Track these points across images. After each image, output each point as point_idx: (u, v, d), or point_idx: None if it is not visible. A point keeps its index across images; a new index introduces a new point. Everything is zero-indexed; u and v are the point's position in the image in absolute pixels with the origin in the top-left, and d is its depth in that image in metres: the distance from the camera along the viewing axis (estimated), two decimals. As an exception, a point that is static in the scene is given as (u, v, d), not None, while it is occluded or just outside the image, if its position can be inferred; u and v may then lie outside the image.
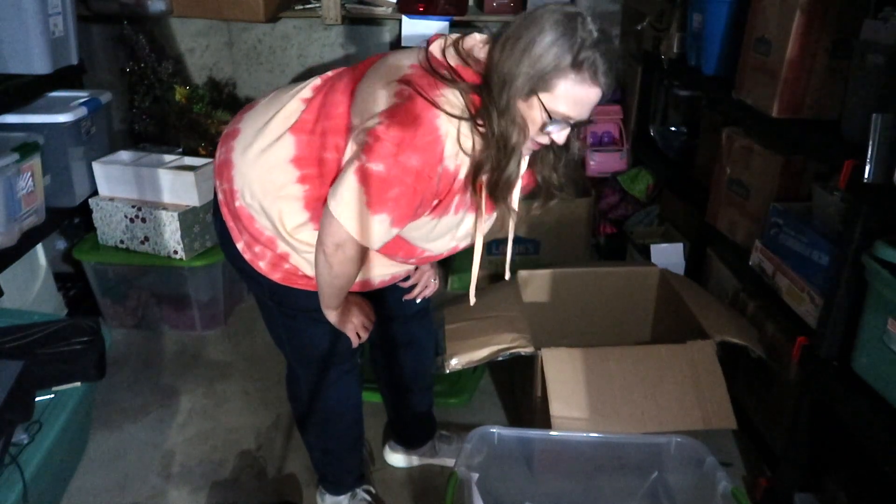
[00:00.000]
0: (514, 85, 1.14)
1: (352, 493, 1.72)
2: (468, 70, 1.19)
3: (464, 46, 1.22)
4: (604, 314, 2.22)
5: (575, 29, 1.12)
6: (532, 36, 1.12)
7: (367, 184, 1.16)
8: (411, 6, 2.79)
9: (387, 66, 1.27)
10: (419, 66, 1.21)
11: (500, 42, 1.16)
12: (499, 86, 1.15)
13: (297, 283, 1.39)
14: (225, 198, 1.37)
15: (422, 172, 1.16)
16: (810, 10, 1.60)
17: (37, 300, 2.28)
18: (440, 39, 1.26)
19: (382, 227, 1.21)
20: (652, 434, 1.61)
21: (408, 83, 1.18)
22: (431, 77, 1.19)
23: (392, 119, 1.15)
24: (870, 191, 1.34)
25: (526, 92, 1.14)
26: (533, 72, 1.12)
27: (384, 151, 1.15)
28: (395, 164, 1.15)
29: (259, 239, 1.34)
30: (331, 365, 1.53)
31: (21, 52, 2.13)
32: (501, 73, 1.14)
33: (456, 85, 1.18)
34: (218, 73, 3.07)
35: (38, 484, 1.53)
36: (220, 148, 1.40)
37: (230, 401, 2.19)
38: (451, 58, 1.21)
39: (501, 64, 1.14)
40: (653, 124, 2.78)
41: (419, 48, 1.27)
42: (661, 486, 1.60)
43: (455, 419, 2.05)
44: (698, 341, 1.76)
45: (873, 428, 1.39)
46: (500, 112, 1.16)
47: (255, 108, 1.39)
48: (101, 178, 2.38)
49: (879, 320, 1.38)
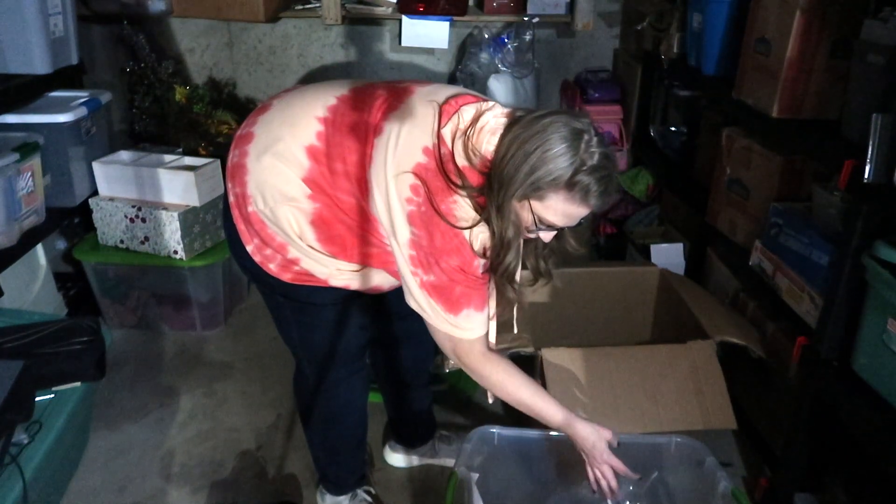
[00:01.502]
0: (511, 188, 1.18)
1: (352, 494, 1.72)
2: (474, 172, 1.22)
3: (473, 142, 1.23)
4: (604, 314, 2.22)
5: (577, 148, 1.15)
6: (536, 145, 1.16)
7: (434, 295, 1.26)
8: (411, 6, 2.79)
9: (400, 143, 1.24)
10: (433, 155, 1.22)
11: (507, 141, 1.19)
12: (497, 186, 1.20)
13: (309, 281, 1.39)
14: (237, 201, 1.36)
15: (466, 269, 1.25)
16: (810, 10, 1.60)
17: (37, 300, 2.28)
18: (454, 120, 1.24)
19: (473, 318, 1.30)
20: (652, 434, 1.61)
21: (421, 181, 1.21)
22: (441, 177, 1.22)
23: (420, 229, 1.23)
24: (870, 191, 1.34)
25: (520, 196, 1.19)
26: (529, 180, 1.17)
27: (427, 263, 1.24)
28: (442, 271, 1.24)
29: (270, 243, 1.35)
30: (341, 364, 1.54)
31: (21, 52, 2.13)
32: (501, 175, 1.19)
33: (464, 189, 1.22)
34: (218, 73, 3.07)
35: (38, 484, 1.53)
36: (233, 150, 1.39)
37: (230, 401, 2.19)
38: (459, 155, 1.23)
39: (503, 166, 1.19)
40: (653, 124, 2.78)
41: (433, 109, 1.26)
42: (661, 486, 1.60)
43: (455, 419, 2.05)
44: (698, 341, 1.76)
45: (873, 428, 1.39)
46: (498, 209, 1.21)
47: (268, 111, 1.38)
48: (101, 178, 2.38)
49: (879, 320, 1.38)
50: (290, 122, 1.32)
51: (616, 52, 3.12)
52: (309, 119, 1.31)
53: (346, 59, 3.07)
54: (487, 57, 2.84)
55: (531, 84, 2.93)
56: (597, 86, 2.93)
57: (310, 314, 1.46)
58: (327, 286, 1.40)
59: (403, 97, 1.30)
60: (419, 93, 1.31)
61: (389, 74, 3.08)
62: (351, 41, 3.04)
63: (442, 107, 1.26)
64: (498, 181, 1.19)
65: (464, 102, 1.28)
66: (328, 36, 3.02)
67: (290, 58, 3.07)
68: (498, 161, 1.20)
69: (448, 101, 1.27)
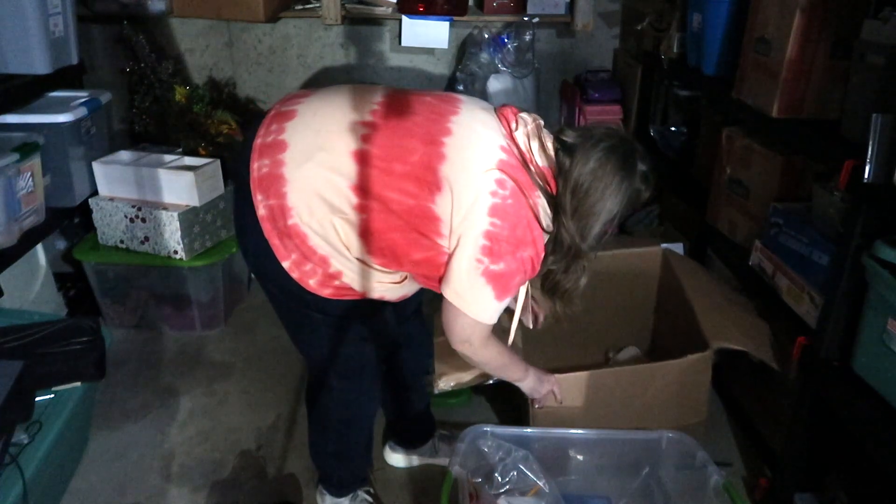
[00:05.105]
0: (593, 229, 1.36)
1: (353, 495, 1.72)
2: (550, 176, 1.34)
3: (546, 145, 1.36)
4: (605, 301, 2.12)
5: (633, 174, 1.34)
6: (603, 186, 1.32)
7: (495, 281, 1.31)
8: (411, 6, 2.79)
9: (478, 141, 1.32)
10: (511, 153, 1.32)
11: (576, 174, 1.32)
12: (577, 221, 1.35)
13: (348, 295, 1.38)
14: (271, 214, 1.30)
15: (535, 260, 1.35)
16: (810, 10, 1.60)
17: (37, 300, 2.28)
18: (522, 124, 1.36)
19: (503, 306, 1.37)
20: (643, 430, 1.61)
21: (507, 176, 1.29)
22: (525, 173, 1.31)
23: (503, 220, 1.28)
24: (870, 191, 1.34)
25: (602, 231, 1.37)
26: (607, 217, 1.35)
27: (503, 251, 1.29)
28: (514, 259, 1.31)
29: (311, 257, 1.32)
30: (368, 374, 1.55)
31: (21, 52, 2.13)
32: (578, 208, 1.34)
33: (544, 192, 1.33)
34: (218, 73, 3.07)
35: (38, 484, 1.53)
36: (259, 160, 1.31)
37: (230, 401, 2.19)
38: (539, 156, 1.34)
39: (579, 199, 1.33)
40: (653, 124, 2.78)
41: (495, 114, 1.38)
42: (653, 482, 1.61)
43: (455, 419, 2.05)
44: (694, 357, 1.70)
45: (873, 428, 1.39)
46: (582, 237, 1.36)
47: (296, 118, 1.33)
48: (101, 178, 2.37)
49: (879, 320, 1.38)
50: (330, 128, 1.30)
51: (616, 52, 3.12)
52: (352, 125, 1.29)
53: (346, 59, 3.07)
54: (487, 57, 2.84)
55: (531, 84, 2.93)
56: (597, 86, 2.93)
57: (345, 329, 1.45)
58: (363, 299, 1.40)
59: (457, 102, 1.38)
60: (468, 100, 1.41)
61: (389, 74, 3.08)
62: (351, 41, 3.04)
63: (498, 111, 1.38)
64: (578, 212, 1.33)
65: (512, 109, 1.39)
66: (328, 36, 3.02)
67: (289, 58, 3.06)
68: (571, 190, 1.32)
69: (499, 108, 1.39)
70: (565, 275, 1.42)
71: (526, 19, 2.82)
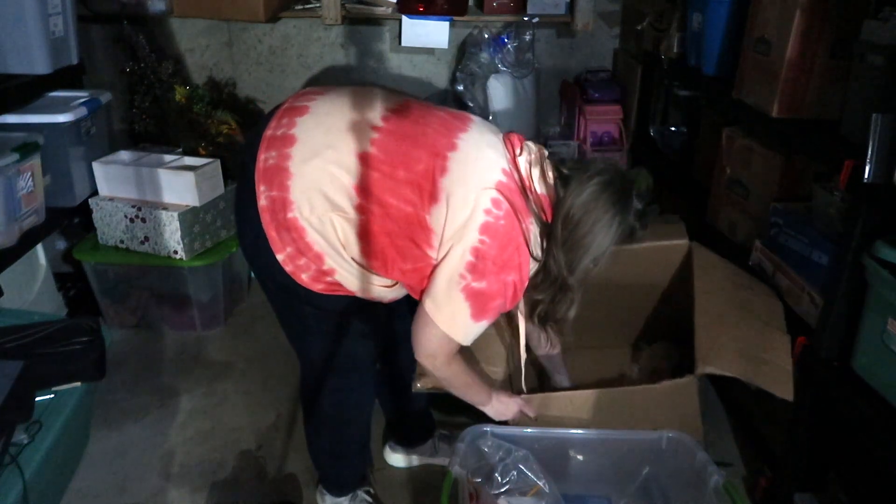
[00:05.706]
0: (584, 259, 1.37)
1: (353, 494, 1.72)
2: (547, 204, 1.36)
3: (546, 174, 1.37)
4: (633, 292, 2.05)
5: (628, 210, 1.36)
6: (593, 221, 1.34)
7: (473, 299, 1.31)
8: (411, 6, 2.79)
9: (481, 160, 1.33)
10: (512, 177, 1.33)
11: (567, 206, 1.34)
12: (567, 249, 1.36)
13: (340, 291, 1.39)
14: (272, 205, 1.31)
15: (518, 286, 1.34)
16: (810, 10, 1.60)
17: (37, 300, 2.28)
18: (526, 151, 1.38)
19: (480, 328, 1.37)
20: (643, 430, 1.61)
21: (504, 198, 1.30)
22: (522, 198, 1.32)
23: (493, 239, 1.28)
24: (870, 191, 1.35)
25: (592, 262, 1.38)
26: (600, 252, 1.37)
27: (487, 270, 1.29)
28: (497, 281, 1.30)
29: (306, 253, 1.32)
30: (362, 370, 1.55)
31: (21, 52, 2.13)
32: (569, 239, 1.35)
33: (538, 220, 1.34)
34: (218, 73, 3.07)
35: (38, 484, 1.53)
36: (266, 152, 1.32)
37: (230, 401, 2.19)
38: (539, 184, 1.36)
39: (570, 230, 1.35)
40: (653, 124, 2.78)
41: (502, 139, 1.39)
42: (653, 481, 1.61)
43: (455, 419, 2.05)
44: (672, 382, 1.63)
45: (873, 428, 1.39)
46: (569, 269, 1.37)
47: (307, 115, 1.34)
48: (101, 178, 2.37)
49: (879, 320, 1.38)
50: (340, 128, 1.31)
51: (616, 52, 3.12)
52: (363, 127, 1.30)
53: (346, 59, 3.07)
54: (487, 57, 2.84)
55: (531, 84, 2.94)
56: (597, 86, 2.93)
57: (337, 324, 1.45)
58: (356, 296, 1.41)
59: (468, 122, 1.40)
60: (479, 121, 1.43)
61: (389, 75, 3.08)
62: (351, 41, 3.04)
63: (505, 136, 1.40)
64: (567, 243, 1.35)
65: (519, 136, 1.41)
66: (328, 36, 3.02)
67: (289, 58, 3.06)
68: (562, 220, 1.34)
69: (507, 133, 1.41)
70: (552, 305, 1.44)
71: (526, 19, 2.82)
